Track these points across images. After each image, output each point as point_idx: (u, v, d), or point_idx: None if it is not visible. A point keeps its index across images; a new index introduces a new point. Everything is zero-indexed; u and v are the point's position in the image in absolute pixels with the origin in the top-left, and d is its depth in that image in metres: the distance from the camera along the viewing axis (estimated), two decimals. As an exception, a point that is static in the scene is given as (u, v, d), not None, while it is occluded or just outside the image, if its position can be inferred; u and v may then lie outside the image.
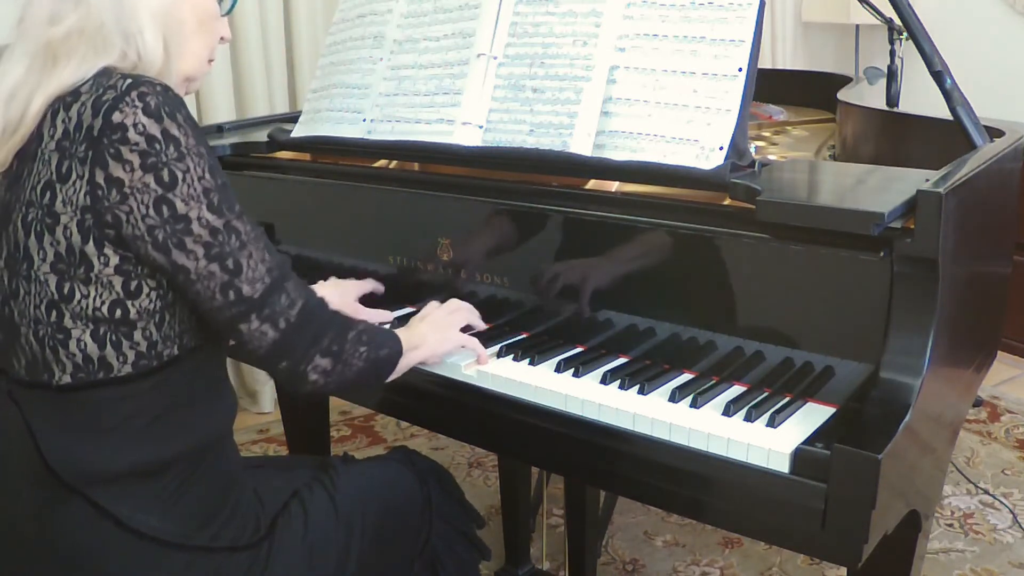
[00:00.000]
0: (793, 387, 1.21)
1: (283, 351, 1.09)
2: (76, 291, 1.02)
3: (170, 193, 1.00)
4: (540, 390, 1.27)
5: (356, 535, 1.24)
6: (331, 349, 1.12)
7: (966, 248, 1.24)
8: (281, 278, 1.09)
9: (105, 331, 1.03)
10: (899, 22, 1.64)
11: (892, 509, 1.11)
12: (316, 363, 1.11)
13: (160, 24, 1.08)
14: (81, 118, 1.01)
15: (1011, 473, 2.61)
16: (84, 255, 1.01)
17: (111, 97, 1.00)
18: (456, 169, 1.52)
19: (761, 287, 1.24)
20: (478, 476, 2.63)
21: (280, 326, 1.08)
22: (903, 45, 2.12)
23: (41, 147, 1.03)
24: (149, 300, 1.05)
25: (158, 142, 0.99)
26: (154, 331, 1.06)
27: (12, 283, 1.06)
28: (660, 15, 1.34)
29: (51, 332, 1.04)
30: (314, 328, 1.11)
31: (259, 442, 2.85)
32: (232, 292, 1.05)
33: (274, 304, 1.07)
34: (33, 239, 1.03)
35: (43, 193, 1.02)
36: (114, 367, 1.04)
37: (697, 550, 2.24)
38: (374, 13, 1.66)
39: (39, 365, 1.05)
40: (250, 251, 1.05)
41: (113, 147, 0.98)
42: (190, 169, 1.01)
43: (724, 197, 1.27)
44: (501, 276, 1.47)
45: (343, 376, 1.14)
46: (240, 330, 1.07)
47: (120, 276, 1.02)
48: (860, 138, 1.85)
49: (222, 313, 1.06)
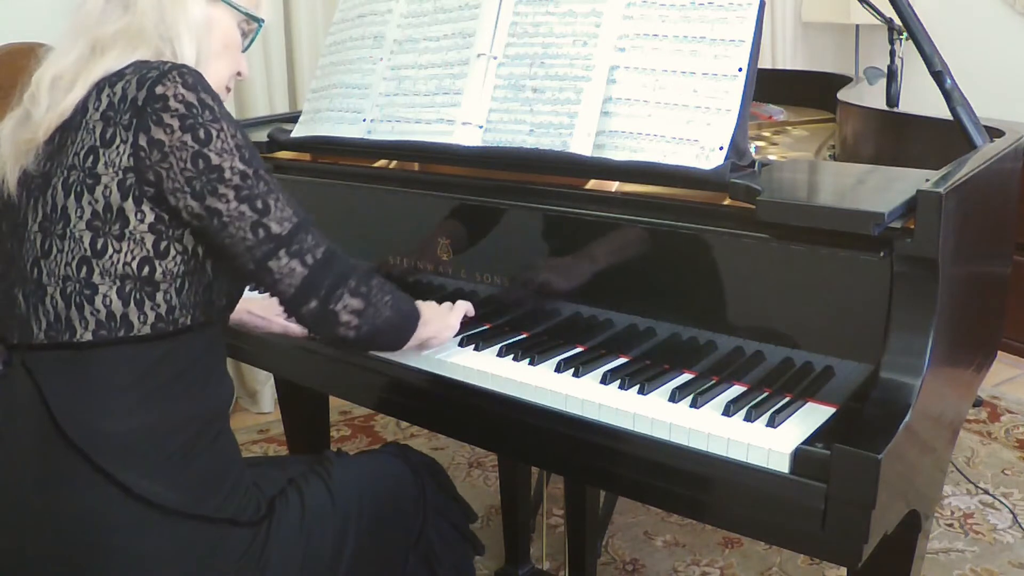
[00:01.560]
0: (793, 387, 1.21)
1: (312, 288, 1.16)
2: (109, 246, 1.10)
3: (205, 148, 1.10)
4: (540, 390, 1.27)
5: (352, 524, 1.26)
6: (359, 290, 1.19)
7: (966, 248, 1.24)
8: (306, 222, 1.17)
9: (131, 288, 1.10)
10: (899, 22, 1.64)
11: (892, 509, 1.11)
12: (347, 302, 1.18)
13: (195, 37, 1.20)
14: (126, 92, 1.11)
15: (1011, 473, 2.61)
16: (121, 211, 1.09)
17: (155, 74, 1.11)
18: (456, 169, 1.52)
19: (761, 287, 1.24)
20: (478, 476, 2.63)
21: (308, 262, 1.15)
22: (903, 45, 2.12)
23: (86, 119, 1.12)
24: (175, 263, 1.12)
25: (195, 107, 1.10)
26: (174, 296, 1.13)
27: (45, 243, 1.12)
28: (660, 15, 1.34)
29: (79, 288, 1.10)
30: (340, 268, 1.18)
31: (259, 442, 2.85)
32: (261, 230, 1.13)
33: (301, 241, 1.15)
34: (72, 199, 1.11)
35: (86, 157, 1.11)
36: (135, 326, 1.11)
37: (697, 550, 2.24)
38: (374, 13, 1.66)
39: (61, 325, 1.11)
40: (277, 196, 1.14)
41: (156, 114, 1.09)
42: (224, 129, 1.11)
43: (724, 197, 1.27)
44: (501, 276, 1.47)
45: (374, 321, 1.21)
46: (271, 268, 1.14)
47: (152, 234, 1.10)
48: (860, 138, 1.85)
49: (253, 253, 1.13)
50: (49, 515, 1.10)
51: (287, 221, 1.14)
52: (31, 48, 1.66)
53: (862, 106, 1.90)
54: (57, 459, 1.10)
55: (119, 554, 1.10)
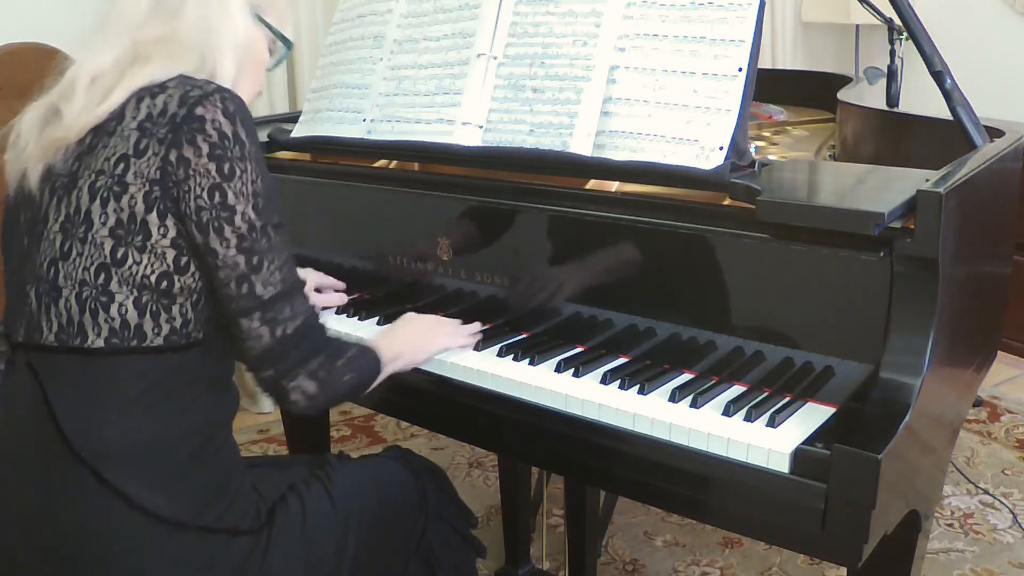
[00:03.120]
0: (793, 387, 1.21)
1: (272, 359, 1.14)
2: (129, 256, 1.09)
3: (226, 184, 1.10)
4: (540, 390, 1.27)
5: (352, 529, 1.26)
6: (318, 374, 1.16)
7: (966, 248, 1.24)
8: (292, 291, 1.15)
9: (147, 300, 1.10)
10: (899, 22, 1.64)
11: (892, 509, 1.11)
12: (300, 383, 1.15)
13: (237, 54, 1.21)
14: (167, 106, 1.11)
15: (1011, 473, 2.61)
16: (145, 224, 1.09)
17: (197, 94, 1.11)
18: (456, 169, 1.52)
19: (761, 287, 1.24)
20: (478, 476, 2.63)
21: (276, 334, 1.13)
22: (903, 45, 2.12)
23: (121, 125, 1.12)
24: (193, 279, 1.12)
25: (228, 139, 1.10)
26: (189, 310, 1.12)
27: (65, 245, 1.11)
28: (660, 15, 1.34)
29: (95, 294, 1.09)
30: (307, 347, 1.16)
31: (259, 442, 2.85)
32: (246, 285, 1.11)
33: (278, 311, 1.13)
34: (97, 204, 1.10)
35: (116, 164, 1.10)
36: (147, 336, 1.10)
37: (697, 550, 2.24)
38: (374, 13, 1.66)
39: (73, 329, 1.10)
40: (273, 257, 1.13)
41: (190, 134, 1.09)
42: (248, 171, 1.11)
43: (724, 197, 1.27)
44: (501, 276, 1.47)
45: (326, 401, 1.19)
46: (240, 324, 1.13)
47: (174, 249, 1.10)
48: (860, 138, 1.85)
49: (230, 304, 1.12)
50: (47, 518, 1.10)
51: (272, 286, 1.12)
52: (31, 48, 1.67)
53: (862, 106, 1.90)
54: (58, 464, 1.09)
55: (117, 563, 1.09)
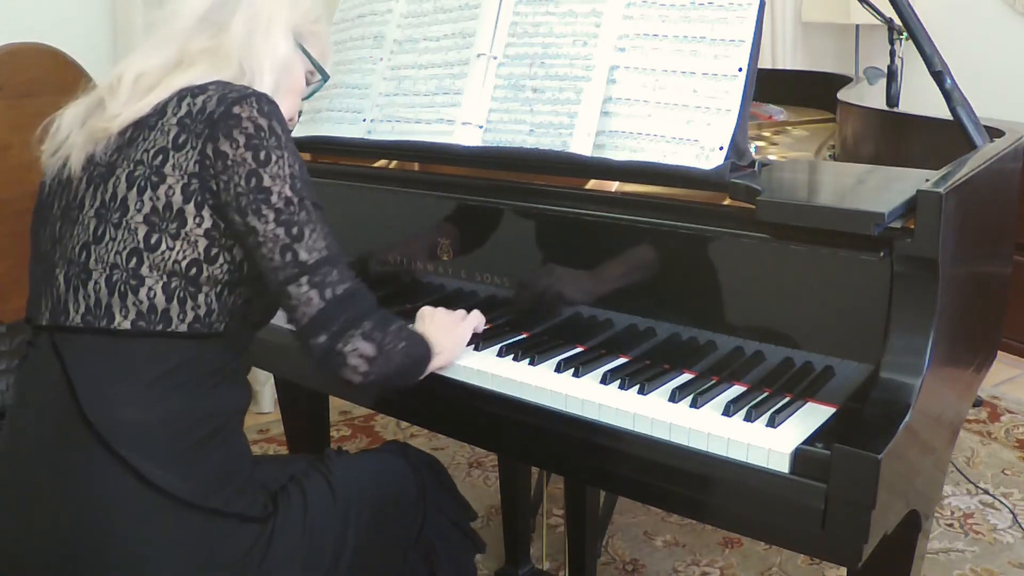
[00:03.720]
0: (793, 387, 1.21)
1: (325, 322, 1.16)
2: (163, 243, 1.13)
3: (261, 169, 1.14)
4: (540, 390, 1.27)
5: (352, 522, 1.27)
6: (373, 335, 1.18)
7: (966, 248, 1.24)
8: (337, 257, 1.18)
9: (176, 286, 1.13)
10: (899, 22, 1.64)
11: (892, 509, 1.11)
12: (357, 345, 1.16)
13: (277, 72, 1.27)
14: (206, 104, 1.16)
15: (1011, 473, 2.61)
16: (181, 212, 1.13)
17: (235, 95, 1.16)
18: (456, 169, 1.52)
19: (761, 287, 1.24)
20: (478, 476, 2.63)
21: (326, 296, 1.16)
22: (903, 45, 2.12)
23: (162, 120, 1.17)
24: (221, 271, 1.15)
25: (264, 131, 1.15)
26: (214, 300, 1.16)
27: (99, 229, 1.15)
28: (660, 15, 1.34)
29: (126, 278, 1.13)
30: (358, 309, 1.18)
31: (259, 442, 2.85)
32: (289, 254, 1.14)
33: (325, 274, 1.16)
34: (134, 192, 1.14)
35: (155, 156, 1.15)
36: (173, 322, 1.14)
37: (697, 550, 2.24)
38: (374, 13, 1.66)
39: (100, 311, 1.13)
40: (315, 226, 1.16)
41: (227, 128, 1.14)
42: (284, 157, 1.15)
43: (724, 197, 1.27)
44: (501, 276, 1.47)
45: (383, 369, 1.19)
46: (290, 292, 1.15)
47: (206, 239, 1.14)
48: (860, 138, 1.85)
49: (277, 274, 1.15)
50: (60, 494, 1.12)
51: (316, 252, 1.15)
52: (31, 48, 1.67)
53: (862, 106, 1.90)
54: (74, 441, 1.11)
55: (126, 539, 1.11)
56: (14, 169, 2.11)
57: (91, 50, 2.51)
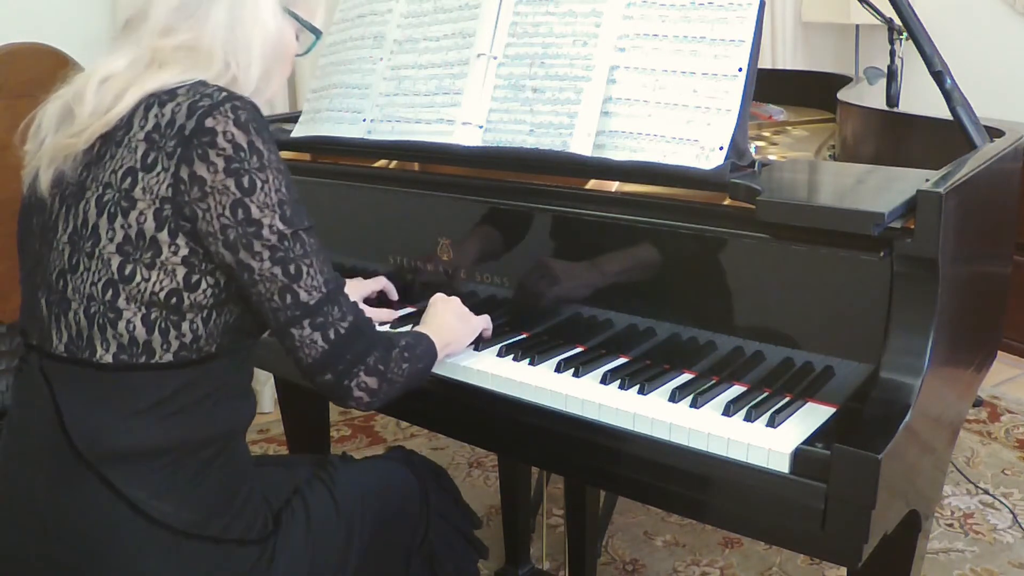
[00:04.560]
0: (793, 387, 1.21)
1: (330, 362, 1.11)
2: (138, 274, 1.06)
3: (247, 198, 1.06)
4: (540, 390, 1.27)
5: (356, 531, 1.26)
6: (376, 368, 1.14)
7: (966, 248, 1.24)
8: (336, 292, 1.13)
9: (156, 316, 1.07)
10: (899, 22, 1.64)
11: (892, 509, 1.11)
12: (362, 379, 1.13)
13: (267, 59, 1.18)
14: (175, 116, 1.07)
15: (1011, 473, 2.61)
16: (155, 241, 1.06)
17: (207, 104, 1.07)
18: (456, 169, 1.52)
19: (761, 287, 1.24)
20: (478, 476, 2.63)
21: (330, 337, 1.11)
22: (903, 45, 2.12)
23: (129, 135, 1.08)
24: (204, 296, 1.09)
25: (243, 151, 1.06)
26: (200, 326, 1.09)
27: (73, 258, 1.09)
28: (660, 15, 1.34)
29: (103, 310, 1.07)
30: (362, 344, 1.14)
31: (259, 442, 2.85)
32: (289, 296, 1.09)
33: (327, 314, 1.11)
34: (105, 219, 1.07)
35: (123, 178, 1.07)
36: (156, 353, 1.08)
37: (697, 550, 2.24)
38: (374, 13, 1.66)
39: (82, 342, 1.08)
40: (311, 260, 1.10)
41: (201, 148, 1.05)
42: (269, 180, 1.07)
43: (724, 197, 1.27)
44: (501, 276, 1.47)
45: (388, 394, 1.17)
46: (292, 335, 1.10)
47: (184, 267, 1.07)
48: (860, 138, 1.85)
49: (278, 316, 1.10)
50: (55, 517, 1.09)
51: (316, 290, 1.10)
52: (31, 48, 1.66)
53: (862, 106, 1.90)
54: (66, 466, 1.08)
55: (122, 568, 1.08)
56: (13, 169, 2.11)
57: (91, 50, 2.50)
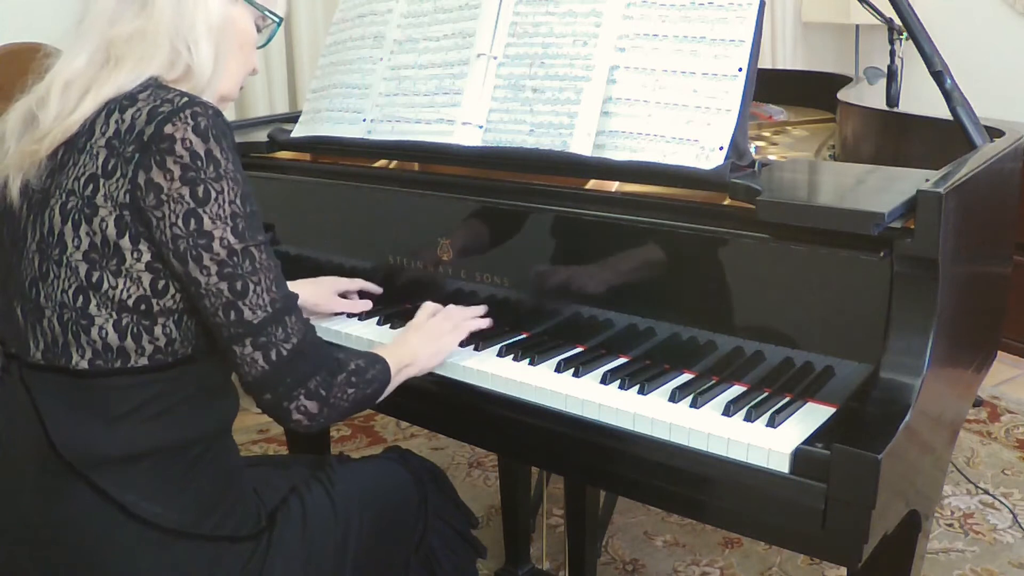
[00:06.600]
0: (793, 387, 1.21)
1: (269, 383, 1.10)
2: (105, 281, 1.06)
3: (200, 209, 1.05)
4: (540, 390, 1.27)
5: (353, 532, 1.26)
6: (318, 392, 1.12)
7: (966, 248, 1.24)
8: (283, 311, 1.11)
9: (128, 322, 1.07)
10: (899, 22, 1.64)
11: (892, 509, 1.11)
12: (301, 403, 1.12)
13: (214, 38, 1.14)
14: (135, 122, 1.06)
15: (1011, 473, 2.61)
16: (118, 248, 1.06)
17: (167, 110, 1.05)
18: (456, 169, 1.52)
19: (761, 287, 1.24)
20: (478, 476, 2.63)
21: (271, 357, 1.09)
22: (903, 45, 2.12)
23: (91, 141, 1.08)
24: (173, 301, 1.08)
25: (200, 160, 1.04)
26: (173, 329, 1.09)
27: (43, 266, 1.09)
28: (660, 15, 1.34)
29: (75, 317, 1.07)
30: (305, 367, 1.12)
31: (259, 442, 2.85)
32: (233, 312, 1.07)
33: (271, 334, 1.09)
34: (69, 226, 1.07)
35: (86, 184, 1.07)
36: (131, 358, 1.08)
37: (697, 550, 2.24)
38: (374, 13, 1.66)
39: (58, 349, 1.08)
40: (260, 278, 1.09)
41: (159, 155, 1.04)
42: (224, 191, 1.06)
43: (724, 197, 1.27)
44: (501, 276, 1.47)
45: (330, 418, 1.15)
46: (234, 351, 1.09)
47: (150, 273, 1.07)
48: (860, 138, 1.85)
49: (221, 332, 1.09)
50: (45, 524, 1.09)
51: (261, 309, 1.08)
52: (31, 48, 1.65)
53: (862, 106, 1.90)
54: (54, 474, 1.08)
55: (115, 571, 1.09)
56: (14, 169, 2.10)
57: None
